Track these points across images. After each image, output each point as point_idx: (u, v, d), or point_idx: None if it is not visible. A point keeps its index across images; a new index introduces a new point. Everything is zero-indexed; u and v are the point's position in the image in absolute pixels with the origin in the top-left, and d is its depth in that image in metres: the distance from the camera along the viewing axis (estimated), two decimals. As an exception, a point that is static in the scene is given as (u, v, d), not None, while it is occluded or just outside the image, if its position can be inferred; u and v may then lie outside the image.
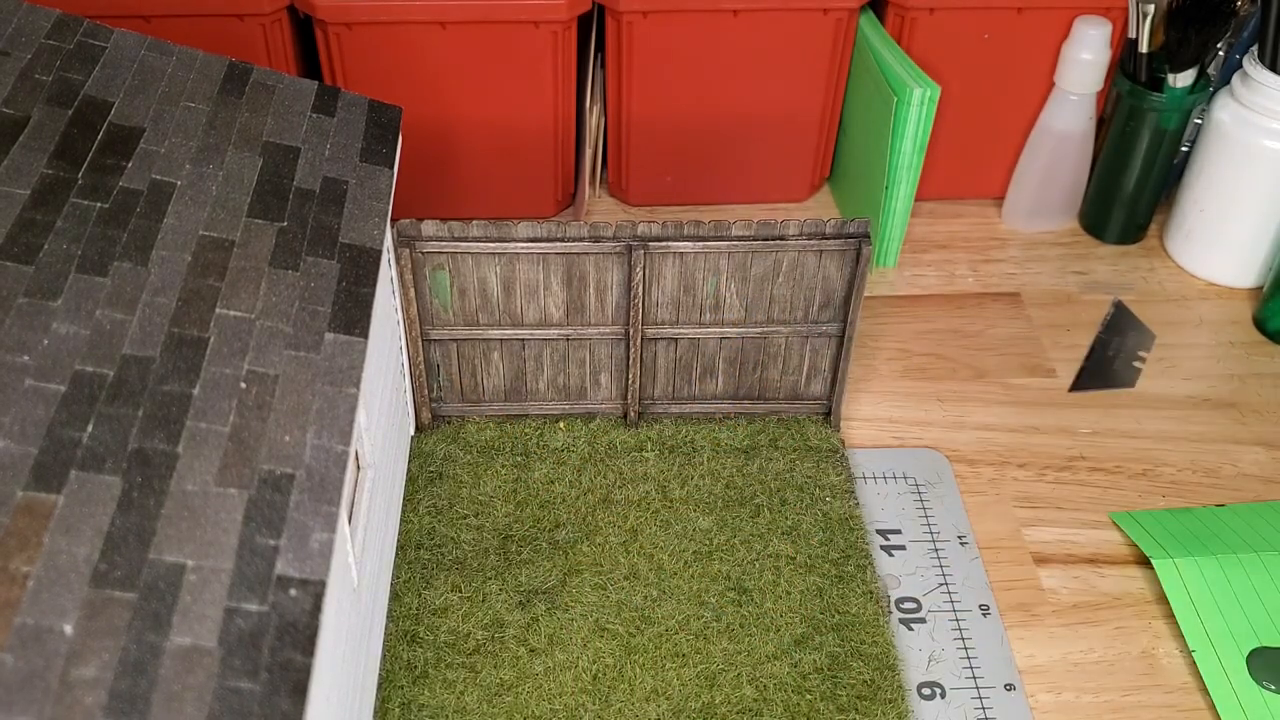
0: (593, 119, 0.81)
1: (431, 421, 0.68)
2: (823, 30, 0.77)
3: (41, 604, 0.33)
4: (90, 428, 0.37)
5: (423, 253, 0.61)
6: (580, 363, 0.67)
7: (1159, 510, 0.65)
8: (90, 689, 0.32)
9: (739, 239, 0.62)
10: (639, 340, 0.65)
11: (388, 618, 0.58)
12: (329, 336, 0.44)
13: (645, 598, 0.59)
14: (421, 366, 0.66)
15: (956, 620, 0.60)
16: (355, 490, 0.52)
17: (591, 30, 0.78)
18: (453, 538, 0.62)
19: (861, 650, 0.57)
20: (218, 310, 0.43)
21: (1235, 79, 0.76)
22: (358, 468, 0.53)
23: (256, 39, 0.73)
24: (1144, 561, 0.62)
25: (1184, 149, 0.82)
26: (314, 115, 0.54)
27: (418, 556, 0.61)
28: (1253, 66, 0.74)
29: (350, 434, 0.41)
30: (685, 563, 0.61)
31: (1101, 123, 0.83)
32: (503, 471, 0.65)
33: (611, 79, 0.79)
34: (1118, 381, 0.74)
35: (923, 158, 0.75)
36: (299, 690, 0.34)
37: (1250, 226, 0.78)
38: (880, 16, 0.79)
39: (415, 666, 0.56)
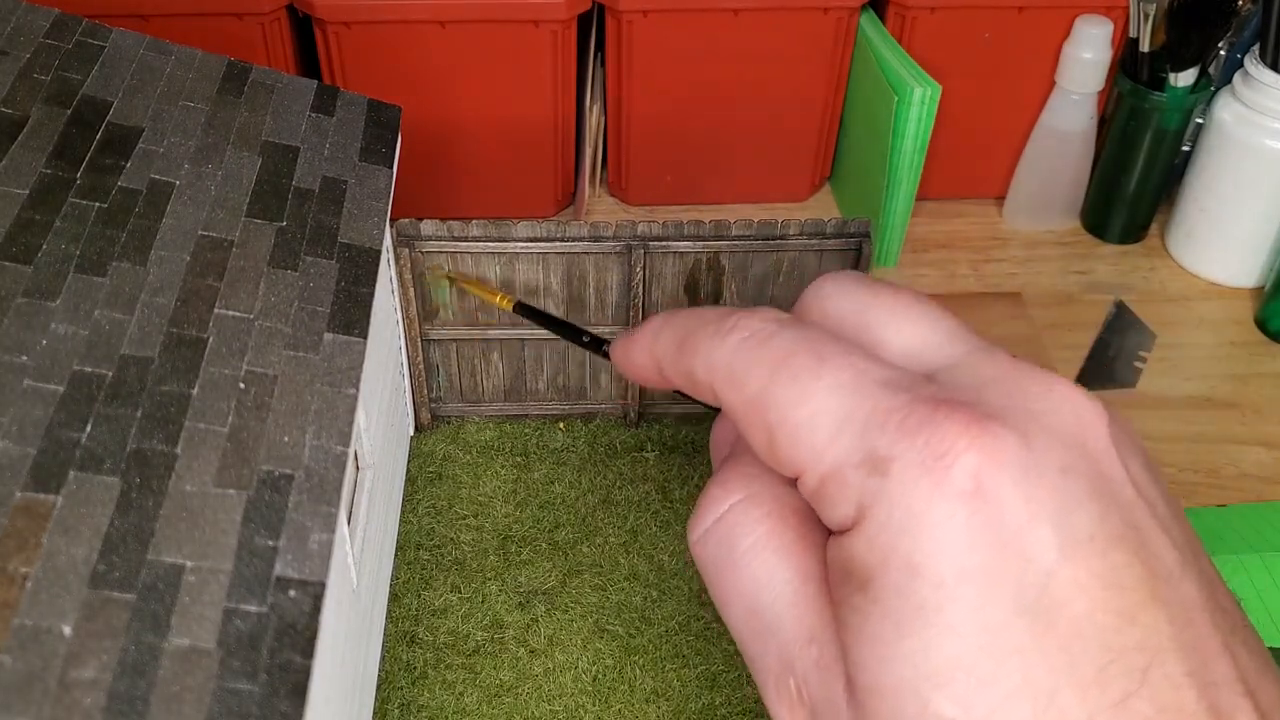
0: (593, 118, 0.81)
1: (431, 421, 0.68)
2: (823, 30, 0.77)
3: (40, 605, 0.33)
4: (89, 428, 0.37)
5: (423, 252, 0.61)
6: (580, 363, 0.67)
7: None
8: (89, 690, 0.32)
9: (739, 239, 0.62)
10: (639, 340, 0.65)
11: (387, 618, 0.58)
12: (328, 337, 0.44)
13: (645, 598, 0.59)
14: (421, 366, 0.66)
15: (957, 621, 0.59)
16: (354, 491, 0.52)
17: (591, 30, 0.78)
18: (452, 538, 0.62)
19: (862, 651, 0.57)
20: (217, 310, 0.43)
21: (1236, 78, 0.76)
22: (357, 468, 0.53)
23: (256, 38, 0.73)
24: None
25: (1185, 149, 0.82)
26: (313, 115, 0.54)
27: (417, 557, 0.61)
28: (1254, 66, 0.74)
29: (349, 434, 0.41)
30: (685, 563, 0.61)
31: (1103, 122, 0.83)
32: (502, 472, 0.65)
33: (611, 79, 0.79)
34: (1119, 381, 0.74)
35: (923, 157, 0.75)
36: (298, 691, 0.34)
37: (1251, 226, 0.78)
38: (881, 16, 0.79)
39: (414, 667, 0.56)
